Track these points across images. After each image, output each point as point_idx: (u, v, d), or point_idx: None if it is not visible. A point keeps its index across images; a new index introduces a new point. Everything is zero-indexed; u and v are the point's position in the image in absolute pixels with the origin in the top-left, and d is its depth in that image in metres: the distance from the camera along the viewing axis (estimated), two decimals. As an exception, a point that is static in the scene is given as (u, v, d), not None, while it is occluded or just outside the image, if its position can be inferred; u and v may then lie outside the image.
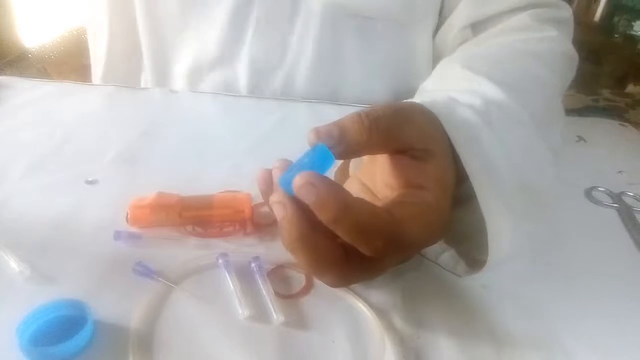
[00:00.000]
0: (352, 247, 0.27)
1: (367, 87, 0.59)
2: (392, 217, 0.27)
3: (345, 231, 0.26)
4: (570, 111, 0.53)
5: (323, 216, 0.26)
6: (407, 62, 0.59)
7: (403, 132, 0.29)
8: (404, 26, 0.56)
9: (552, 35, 0.50)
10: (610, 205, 0.46)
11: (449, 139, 0.31)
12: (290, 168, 0.27)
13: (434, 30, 0.59)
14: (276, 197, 0.27)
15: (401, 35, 0.57)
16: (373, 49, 0.57)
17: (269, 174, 0.29)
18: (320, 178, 0.26)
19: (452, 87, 0.39)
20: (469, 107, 0.34)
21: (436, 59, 0.58)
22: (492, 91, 0.37)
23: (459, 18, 0.56)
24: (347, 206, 0.25)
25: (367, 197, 0.33)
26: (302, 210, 0.27)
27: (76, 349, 0.27)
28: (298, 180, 0.26)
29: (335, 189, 0.25)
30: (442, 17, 0.58)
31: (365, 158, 0.36)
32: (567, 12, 0.56)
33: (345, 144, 0.28)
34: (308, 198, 0.25)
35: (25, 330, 0.27)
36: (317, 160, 0.27)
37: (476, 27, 0.55)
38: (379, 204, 0.28)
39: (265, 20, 0.54)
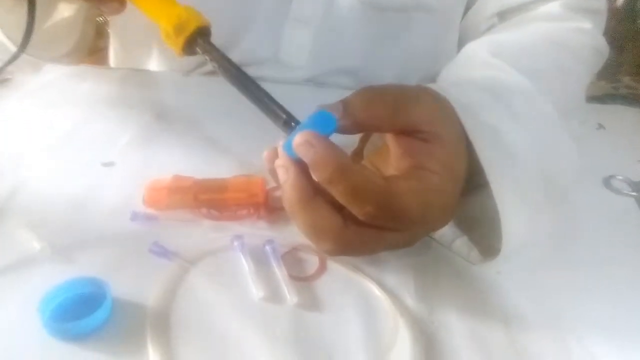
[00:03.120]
0: (352, 217, 0.28)
1: (400, 77, 0.58)
2: (387, 185, 0.27)
3: (339, 192, 0.26)
4: (591, 98, 0.52)
5: (318, 175, 0.26)
6: (439, 49, 0.57)
7: (409, 111, 0.29)
8: (434, 15, 0.55)
9: (585, 27, 0.49)
10: (628, 194, 0.45)
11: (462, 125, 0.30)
12: (293, 133, 0.28)
13: (462, 16, 0.57)
14: (280, 162, 0.29)
15: (432, 24, 0.56)
16: (405, 39, 0.56)
17: (275, 153, 0.30)
18: (318, 138, 0.26)
19: (477, 74, 0.39)
20: (492, 95, 0.33)
21: (461, 44, 0.57)
22: (519, 81, 0.37)
23: (487, 5, 0.54)
24: (343, 167, 0.26)
25: None
26: (304, 175, 0.28)
27: (95, 325, 0.27)
28: (297, 139, 0.27)
29: (333, 150, 0.26)
30: (468, 2, 0.57)
31: (379, 142, 0.36)
32: (601, 3, 0.54)
33: (349, 117, 0.28)
34: (306, 156, 0.26)
35: (47, 306, 0.28)
36: (318, 122, 0.27)
37: (504, 15, 0.54)
38: None
39: (301, 19, 0.54)
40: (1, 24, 0.43)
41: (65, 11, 0.49)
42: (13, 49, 0.45)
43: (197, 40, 0.31)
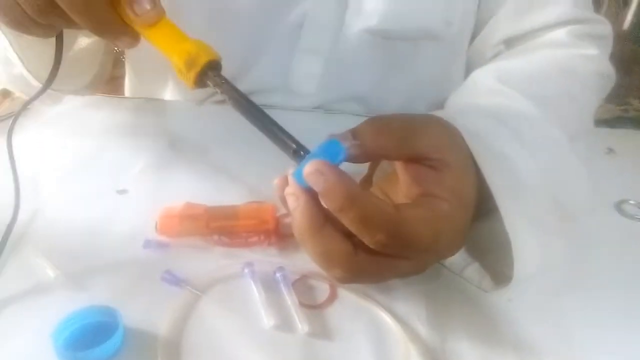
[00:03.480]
0: (362, 244, 0.28)
1: (408, 104, 0.59)
2: (398, 213, 0.27)
3: (350, 220, 0.27)
4: (600, 122, 0.52)
5: (329, 204, 0.27)
6: (446, 76, 0.58)
7: (416, 140, 0.29)
8: (441, 43, 0.56)
9: (591, 53, 0.50)
10: (641, 219, 0.45)
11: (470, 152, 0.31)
12: (302, 162, 0.28)
13: (469, 44, 0.58)
14: (290, 189, 0.29)
15: (439, 52, 0.56)
16: (413, 68, 0.57)
17: (285, 180, 0.30)
18: (329, 167, 0.27)
19: (484, 101, 0.39)
20: (499, 122, 0.34)
21: (468, 71, 0.58)
22: (526, 107, 0.37)
23: (494, 33, 0.55)
24: (353, 196, 0.26)
25: None
26: (314, 203, 0.28)
27: (107, 354, 0.28)
28: (308, 168, 0.27)
29: (343, 178, 0.26)
30: (475, 30, 0.58)
31: (389, 168, 0.36)
32: (606, 28, 0.55)
33: (357, 146, 0.29)
34: (316, 184, 0.27)
35: (59, 335, 0.28)
36: (327, 151, 0.28)
37: (511, 42, 0.55)
38: None
39: (310, 49, 0.55)
40: (22, 58, 0.44)
41: (82, 42, 0.51)
42: (34, 82, 0.46)
43: (208, 73, 0.32)
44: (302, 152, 0.29)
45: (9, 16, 0.33)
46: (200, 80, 0.32)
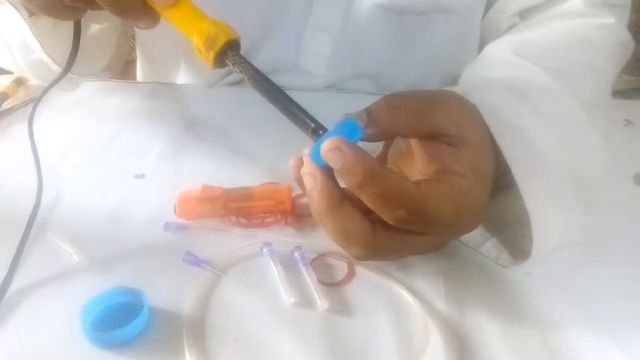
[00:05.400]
0: (380, 221, 0.28)
1: (421, 80, 0.58)
2: (418, 189, 0.27)
3: (370, 197, 0.27)
4: (616, 93, 0.51)
5: (349, 181, 0.27)
6: (460, 51, 0.57)
7: (434, 117, 0.29)
8: (454, 17, 0.55)
9: (608, 22, 0.48)
10: (661, 190, 0.44)
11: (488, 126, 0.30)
12: (319, 141, 0.28)
13: (482, 16, 0.57)
14: (306, 169, 0.29)
15: (452, 26, 0.55)
16: (425, 42, 0.56)
17: (300, 161, 0.30)
18: (347, 143, 0.27)
19: (501, 74, 0.39)
20: (517, 95, 0.33)
21: (482, 45, 0.57)
22: (544, 80, 0.37)
23: (508, 4, 0.54)
24: (373, 172, 0.26)
25: None
26: (331, 181, 0.28)
27: (134, 333, 0.28)
28: (326, 145, 0.27)
29: (362, 155, 0.26)
30: (488, 2, 0.56)
31: (403, 146, 0.36)
32: None
33: (373, 125, 0.29)
34: (335, 162, 0.27)
35: (87, 315, 0.29)
36: (344, 131, 0.28)
37: (525, 13, 0.54)
38: None
39: (320, 28, 0.55)
40: (41, 43, 0.45)
41: (95, 24, 0.51)
42: (53, 66, 0.46)
43: (227, 53, 0.32)
44: (320, 132, 0.29)
45: (40, 1, 0.34)
46: (220, 60, 0.32)
